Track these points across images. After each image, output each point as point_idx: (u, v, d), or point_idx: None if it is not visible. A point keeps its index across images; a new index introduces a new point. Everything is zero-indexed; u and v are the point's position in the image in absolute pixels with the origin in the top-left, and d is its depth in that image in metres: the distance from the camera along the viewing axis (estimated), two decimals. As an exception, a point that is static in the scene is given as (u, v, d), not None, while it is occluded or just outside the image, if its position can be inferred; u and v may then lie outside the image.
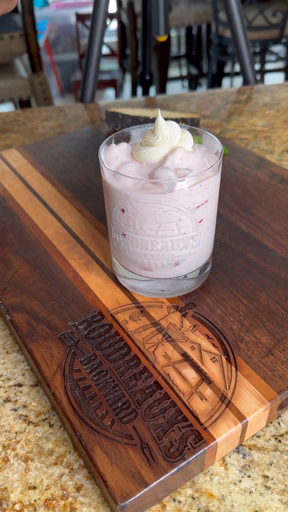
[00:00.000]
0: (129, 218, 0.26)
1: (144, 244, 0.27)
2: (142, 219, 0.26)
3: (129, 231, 0.27)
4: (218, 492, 0.22)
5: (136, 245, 0.27)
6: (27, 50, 1.39)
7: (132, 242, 0.27)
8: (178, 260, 0.28)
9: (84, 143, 0.51)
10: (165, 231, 0.26)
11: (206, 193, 0.26)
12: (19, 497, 0.22)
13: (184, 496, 0.22)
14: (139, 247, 0.27)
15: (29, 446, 0.24)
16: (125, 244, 0.28)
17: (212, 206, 0.28)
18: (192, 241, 0.27)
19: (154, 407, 0.23)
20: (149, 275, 0.29)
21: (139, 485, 0.20)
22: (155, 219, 0.25)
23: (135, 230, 0.26)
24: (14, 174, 0.45)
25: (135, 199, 0.25)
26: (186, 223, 0.26)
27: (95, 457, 0.21)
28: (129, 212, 0.26)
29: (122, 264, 0.30)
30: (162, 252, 0.27)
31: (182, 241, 0.27)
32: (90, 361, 0.26)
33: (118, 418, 0.22)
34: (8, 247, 0.35)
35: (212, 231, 0.29)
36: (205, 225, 0.27)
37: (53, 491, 0.22)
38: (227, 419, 0.22)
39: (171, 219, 0.26)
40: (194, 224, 0.26)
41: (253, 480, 0.22)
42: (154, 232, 0.26)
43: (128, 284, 0.30)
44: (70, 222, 0.38)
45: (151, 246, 0.27)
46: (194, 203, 0.26)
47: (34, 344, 0.27)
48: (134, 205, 0.25)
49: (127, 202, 0.26)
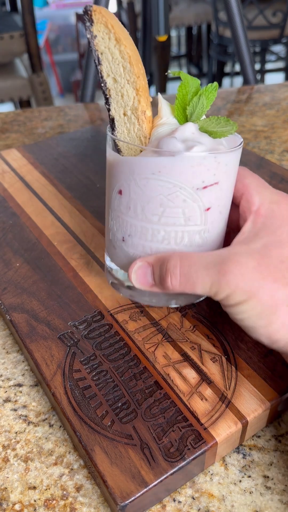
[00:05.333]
0: (130, 199, 0.23)
1: (144, 232, 0.24)
2: (145, 201, 0.23)
3: (128, 215, 0.24)
4: (218, 492, 0.22)
5: (135, 233, 0.24)
6: (27, 50, 1.39)
7: (130, 229, 0.24)
8: None
9: (84, 143, 0.51)
10: (169, 218, 0.23)
11: (218, 171, 0.22)
12: (19, 497, 0.22)
13: (184, 496, 0.22)
14: (138, 236, 0.24)
15: (29, 446, 0.24)
16: (122, 231, 0.25)
17: (224, 194, 0.24)
18: (198, 237, 0.24)
19: (154, 407, 0.23)
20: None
21: (139, 485, 0.20)
22: (160, 201, 0.23)
23: (136, 214, 0.23)
24: (14, 174, 0.45)
25: (139, 173, 0.22)
26: (192, 209, 0.23)
27: (95, 457, 0.21)
28: (131, 191, 0.23)
29: (116, 262, 0.27)
30: (163, 245, 0.24)
31: (187, 234, 0.23)
32: (90, 361, 0.26)
33: (118, 418, 0.22)
34: (8, 247, 0.35)
35: (221, 231, 0.25)
36: (214, 218, 0.24)
37: (53, 491, 0.22)
38: (227, 419, 0.22)
39: (177, 202, 0.22)
40: (200, 212, 0.23)
41: (253, 480, 0.22)
42: (157, 218, 0.23)
43: (125, 293, 0.27)
44: (70, 222, 0.38)
45: (152, 236, 0.24)
46: (203, 181, 0.22)
47: (34, 344, 0.27)
48: (137, 182, 0.23)
49: (130, 177, 0.23)
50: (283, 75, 2.16)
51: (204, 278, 0.21)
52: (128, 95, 0.23)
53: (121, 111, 0.24)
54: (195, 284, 0.22)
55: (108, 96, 0.23)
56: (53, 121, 0.63)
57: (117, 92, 0.23)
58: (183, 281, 0.22)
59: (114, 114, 0.24)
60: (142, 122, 0.23)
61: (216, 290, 0.21)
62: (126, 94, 0.23)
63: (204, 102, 0.23)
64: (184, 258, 0.22)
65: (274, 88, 0.71)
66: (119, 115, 0.24)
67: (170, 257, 0.23)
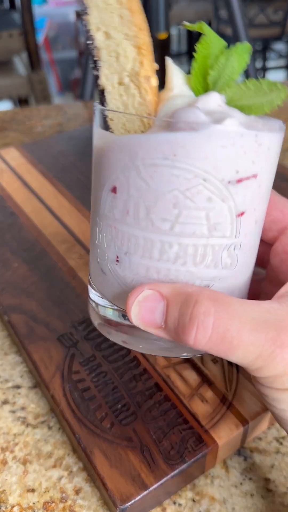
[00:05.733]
0: (129, 198, 0.16)
1: (148, 247, 0.16)
2: (152, 200, 0.16)
3: (125, 223, 0.17)
4: (219, 495, 0.22)
5: (135, 249, 0.17)
6: (25, 48, 1.39)
7: (128, 243, 0.17)
8: (203, 285, 0.17)
9: (83, 141, 0.50)
10: (186, 225, 0.16)
11: (258, 158, 0.16)
12: (18, 499, 0.22)
13: (184, 499, 0.22)
14: (139, 253, 0.17)
15: (28, 448, 0.24)
16: (115, 248, 0.17)
17: (262, 195, 0.17)
18: (226, 255, 0.17)
19: (154, 409, 0.23)
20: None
21: (139, 488, 0.20)
22: (174, 199, 0.16)
23: (137, 220, 0.16)
24: (13, 173, 0.45)
25: (143, 158, 0.15)
26: (220, 213, 0.16)
27: (94, 460, 0.21)
28: (131, 187, 0.16)
29: (106, 295, 0.19)
30: (175, 266, 0.17)
31: (211, 250, 0.16)
32: (90, 362, 0.25)
33: (117, 420, 0.22)
34: (6, 247, 0.35)
35: (255, 250, 0.19)
36: (248, 229, 0.17)
37: (52, 493, 0.22)
38: (229, 422, 0.22)
39: (198, 201, 0.16)
40: (231, 217, 0.16)
41: (254, 483, 0.22)
42: (169, 225, 0.16)
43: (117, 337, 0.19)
44: (69, 221, 0.37)
45: (160, 253, 0.16)
46: (237, 171, 0.16)
47: (32, 345, 0.26)
48: (141, 172, 0.16)
49: (130, 166, 0.16)
50: (285, 73, 2.15)
51: (248, 343, 0.15)
52: (125, 56, 0.16)
53: (115, 79, 0.17)
54: (232, 349, 0.15)
55: (97, 58, 0.17)
56: (52, 120, 0.62)
57: (110, 52, 0.17)
58: (215, 339, 0.15)
59: (105, 84, 0.17)
60: (146, 92, 0.17)
61: (261, 364, 0.15)
62: (123, 55, 0.16)
63: (234, 64, 0.17)
64: (220, 304, 0.15)
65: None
66: (111, 85, 0.17)
67: (199, 297, 0.15)
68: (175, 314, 0.16)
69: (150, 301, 0.16)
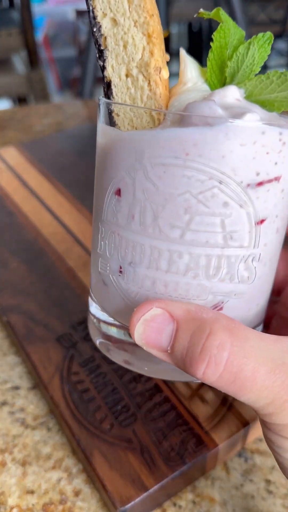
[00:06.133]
0: (135, 202, 0.15)
1: (155, 256, 0.15)
2: (160, 203, 0.14)
3: (130, 229, 0.15)
4: (220, 496, 0.21)
5: (140, 259, 0.15)
6: (25, 47, 1.38)
7: (133, 253, 0.15)
8: (217, 301, 0.16)
9: (83, 140, 0.50)
10: (199, 233, 0.14)
11: (281, 158, 0.14)
12: (17, 501, 0.21)
13: (185, 501, 0.21)
14: (145, 264, 0.15)
15: (27, 450, 0.24)
16: (119, 257, 0.16)
17: (286, 200, 0.15)
18: (243, 268, 0.15)
19: (154, 410, 0.23)
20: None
21: (139, 489, 0.20)
22: (185, 203, 0.14)
23: (144, 227, 0.15)
24: (11, 172, 0.44)
25: (151, 157, 0.14)
26: (238, 219, 0.14)
27: (94, 461, 0.21)
28: (137, 189, 0.15)
29: (107, 309, 0.17)
30: (186, 279, 0.15)
31: (226, 261, 0.15)
32: (89, 363, 0.25)
33: (117, 422, 0.22)
34: (5, 247, 0.34)
35: (275, 263, 0.17)
36: (269, 238, 0.15)
37: (51, 495, 0.22)
38: (229, 423, 0.22)
39: (213, 206, 0.14)
40: (250, 225, 0.15)
41: (255, 485, 0.22)
42: (179, 232, 0.14)
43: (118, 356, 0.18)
44: (68, 221, 0.37)
45: (169, 264, 0.15)
46: (258, 173, 0.14)
47: (31, 346, 0.26)
48: (148, 172, 0.14)
49: (137, 165, 0.14)
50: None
51: (263, 388, 0.13)
52: (134, 44, 0.15)
53: (123, 70, 0.15)
54: (244, 391, 0.14)
55: (103, 47, 0.15)
56: (51, 118, 0.62)
57: (118, 40, 0.15)
58: (227, 377, 0.14)
59: (112, 75, 0.16)
60: (156, 85, 0.15)
61: (273, 411, 0.14)
62: (132, 43, 0.15)
63: (255, 54, 0.15)
64: (237, 337, 0.14)
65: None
66: (118, 77, 0.16)
67: (214, 327, 0.14)
68: (185, 342, 0.14)
69: (158, 321, 0.15)
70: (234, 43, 0.15)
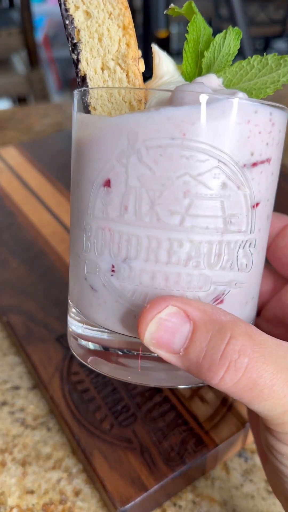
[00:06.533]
0: (128, 191, 0.14)
1: (154, 247, 0.14)
2: (157, 189, 0.14)
3: (123, 221, 0.14)
4: (220, 496, 0.21)
5: (136, 252, 0.14)
6: (25, 46, 1.38)
7: (128, 247, 0.14)
8: (218, 292, 0.15)
9: (82, 140, 0.50)
10: (199, 218, 0.14)
11: (271, 140, 0.14)
12: (17, 501, 0.21)
13: (184, 501, 0.21)
14: (142, 257, 0.14)
15: (27, 450, 0.24)
16: (111, 255, 0.15)
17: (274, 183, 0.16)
18: (242, 255, 0.15)
19: (154, 411, 0.22)
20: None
21: (139, 489, 0.20)
22: (184, 186, 0.13)
23: (139, 216, 0.14)
24: (11, 172, 0.44)
25: (145, 140, 0.13)
26: (236, 202, 0.14)
27: (94, 461, 0.21)
28: (130, 177, 0.14)
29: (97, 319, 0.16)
30: (187, 269, 0.14)
31: (226, 248, 0.14)
32: (89, 363, 0.25)
33: (117, 422, 0.22)
34: (5, 247, 0.34)
35: (264, 252, 0.17)
36: (262, 224, 0.15)
37: (51, 495, 0.22)
38: (229, 423, 0.22)
39: (214, 187, 0.14)
40: (247, 208, 0.14)
41: (255, 485, 0.22)
42: (179, 218, 0.14)
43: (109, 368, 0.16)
44: (68, 221, 0.37)
45: (168, 254, 0.14)
46: (252, 153, 0.14)
47: (31, 346, 0.26)
48: (142, 157, 0.13)
49: (129, 152, 0.14)
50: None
51: (281, 396, 0.13)
52: (110, 37, 0.15)
53: (98, 63, 0.15)
54: (261, 399, 0.13)
55: (77, 41, 0.15)
56: (51, 118, 0.62)
57: (92, 33, 0.15)
58: (244, 384, 0.13)
59: (86, 69, 0.15)
60: (135, 76, 0.15)
61: (287, 420, 0.13)
62: (107, 36, 0.15)
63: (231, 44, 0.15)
64: (257, 343, 0.13)
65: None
66: (94, 70, 0.15)
67: (235, 331, 0.13)
68: (203, 345, 0.13)
69: (173, 321, 0.14)
70: (205, 38, 0.15)
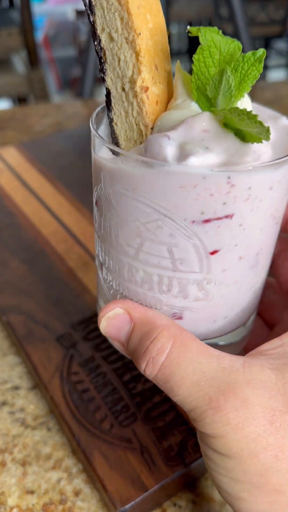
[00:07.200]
0: (105, 216, 0.17)
1: (120, 267, 0.17)
2: (119, 224, 0.16)
3: (103, 238, 0.18)
4: (220, 496, 0.21)
5: (109, 264, 0.18)
6: (25, 46, 1.38)
7: (106, 257, 0.18)
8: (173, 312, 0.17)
9: (83, 140, 0.50)
10: (149, 255, 0.16)
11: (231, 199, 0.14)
12: (17, 501, 0.21)
13: (185, 501, 0.21)
14: (113, 270, 0.17)
15: (27, 450, 0.24)
16: (100, 256, 0.19)
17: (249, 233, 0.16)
18: (196, 289, 0.16)
19: (154, 410, 0.23)
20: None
21: (139, 489, 0.20)
22: (135, 229, 0.16)
23: (110, 239, 0.17)
24: (11, 172, 0.44)
25: (113, 183, 0.16)
26: (185, 250, 0.15)
27: (94, 461, 0.21)
28: (105, 207, 0.17)
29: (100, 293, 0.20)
30: (143, 290, 0.17)
31: (177, 282, 0.16)
32: (89, 363, 0.25)
33: (117, 422, 0.22)
34: (5, 247, 0.34)
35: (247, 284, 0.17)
36: (228, 265, 0.16)
37: (51, 495, 0.22)
38: (229, 423, 0.22)
39: (160, 236, 0.15)
40: (199, 255, 0.15)
41: (255, 485, 0.22)
42: (134, 251, 0.16)
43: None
44: (68, 221, 0.37)
45: (129, 274, 0.17)
46: (202, 212, 0.14)
47: (31, 346, 0.26)
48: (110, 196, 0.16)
49: (106, 187, 0.16)
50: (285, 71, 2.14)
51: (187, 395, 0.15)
52: (126, 61, 0.16)
53: (119, 84, 0.16)
54: (172, 393, 0.15)
55: (104, 60, 0.16)
56: (51, 118, 0.62)
57: (113, 55, 0.16)
58: (159, 378, 0.16)
59: (111, 86, 0.17)
60: (142, 103, 0.16)
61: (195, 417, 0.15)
62: (124, 60, 0.16)
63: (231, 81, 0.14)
64: (179, 346, 0.15)
65: (277, 85, 0.70)
66: (115, 89, 0.16)
67: (162, 333, 0.16)
68: (135, 342, 0.17)
69: (118, 320, 0.17)
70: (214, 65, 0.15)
